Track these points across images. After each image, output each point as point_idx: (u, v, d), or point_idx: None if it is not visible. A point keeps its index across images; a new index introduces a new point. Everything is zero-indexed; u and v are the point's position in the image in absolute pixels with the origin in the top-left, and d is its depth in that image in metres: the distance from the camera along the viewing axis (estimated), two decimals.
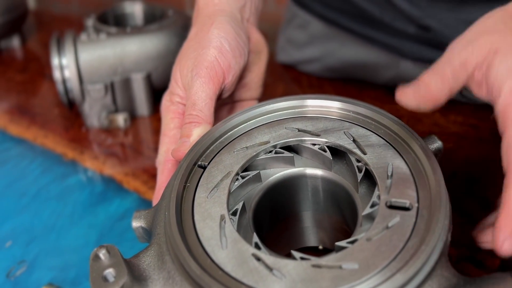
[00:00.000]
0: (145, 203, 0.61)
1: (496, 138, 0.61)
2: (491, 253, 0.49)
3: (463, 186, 0.57)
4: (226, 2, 0.49)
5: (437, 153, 0.41)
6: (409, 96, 0.38)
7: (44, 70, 0.97)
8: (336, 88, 0.82)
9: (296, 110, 0.44)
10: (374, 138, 0.40)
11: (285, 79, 0.89)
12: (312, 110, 0.44)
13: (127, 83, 0.75)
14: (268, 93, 0.58)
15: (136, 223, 0.38)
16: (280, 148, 0.41)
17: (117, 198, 0.63)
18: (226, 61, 0.45)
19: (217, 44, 0.45)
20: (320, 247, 0.48)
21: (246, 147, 0.41)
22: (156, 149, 0.72)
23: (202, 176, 0.38)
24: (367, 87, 0.82)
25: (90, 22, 0.81)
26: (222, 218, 0.35)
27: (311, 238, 0.48)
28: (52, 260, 0.55)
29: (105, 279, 0.30)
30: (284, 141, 0.41)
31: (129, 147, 0.73)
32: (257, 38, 0.54)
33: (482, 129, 0.67)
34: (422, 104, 0.38)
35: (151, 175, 0.66)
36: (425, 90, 0.37)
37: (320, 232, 0.47)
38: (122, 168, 0.68)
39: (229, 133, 0.42)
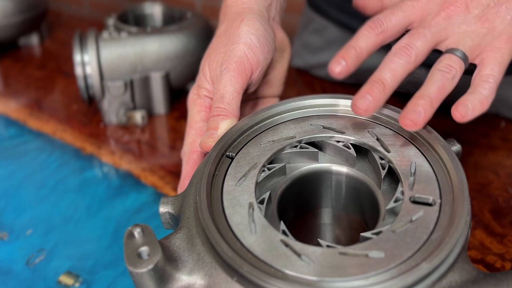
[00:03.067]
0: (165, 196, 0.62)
1: (505, 145, 0.63)
2: (501, 256, 0.50)
3: (473, 191, 0.58)
4: (254, 1, 0.51)
5: (456, 155, 0.42)
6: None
7: (61, 67, 0.99)
8: (349, 93, 0.82)
9: (321, 108, 0.45)
10: (397, 138, 0.42)
11: (299, 83, 0.90)
12: (339, 109, 0.45)
13: (146, 81, 0.76)
14: (281, 97, 0.59)
15: (163, 209, 0.39)
16: (305, 143, 0.42)
17: (133, 192, 0.64)
18: (255, 56, 0.46)
19: (247, 40, 0.46)
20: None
21: (273, 141, 0.42)
22: (172, 147, 0.73)
23: (230, 166, 0.40)
24: None
25: (110, 21, 0.83)
26: (251, 205, 0.36)
27: (327, 236, 0.49)
28: (70, 249, 0.56)
29: (139, 256, 0.31)
30: (309, 136, 0.42)
31: (146, 144, 0.74)
32: (282, 37, 0.56)
33: (491, 136, 0.68)
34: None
35: (168, 171, 0.67)
36: None
37: (336, 230, 0.48)
38: (139, 163, 0.69)
39: (256, 127, 0.43)
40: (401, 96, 0.82)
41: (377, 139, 0.42)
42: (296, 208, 0.45)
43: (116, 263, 0.53)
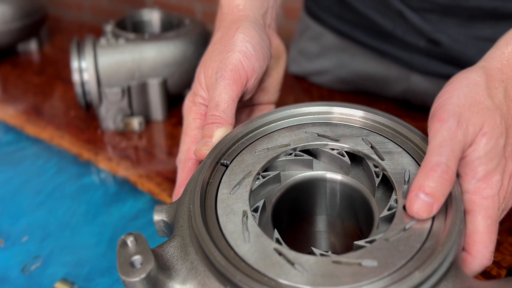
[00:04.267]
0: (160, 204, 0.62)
1: None
2: (497, 263, 0.50)
3: None
4: (250, 8, 0.51)
5: None
6: None
7: (60, 73, 0.99)
8: (346, 100, 0.83)
9: (316, 116, 0.45)
10: (391, 145, 0.42)
11: (296, 90, 0.90)
12: (333, 117, 0.45)
13: (143, 88, 0.77)
14: (279, 104, 0.59)
15: (157, 217, 0.39)
16: (299, 151, 0.43)
17: (130, 198, 0.64)
18: (250, 64, 0.46)
19: (242, 48, 0.46)
20: (330, 252, 0.48)
21: (267, 149, 0.42)
22: (169, 153, 0.74)
23: (225, 174, 0.40)
24: (377, 100, 0.83)
25: (109, 27, 0.83)
26: (244, 213, 0.36)
27: (322, 243, 0.49)
28: (66, 256, 0.56)
29: (132, 265, 0.31)
30: (304, 144, 0.42)
31: (143, 150, 0.74)
32: (277, 44, 0.56)
33: None
34: None
35: (165, 177, 0.67)
36: None
37: (331, 237, 0.48)
38: (136, 170, 0.69)
39: (250, 134, 0.44)
40: (398, 103, 0.82)
41: (371, 147, 0.42)
42: (291, 215, 0.45)
43: (112, 270, 0.53)
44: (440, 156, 0.35)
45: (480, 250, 0.37)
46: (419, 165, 0.40)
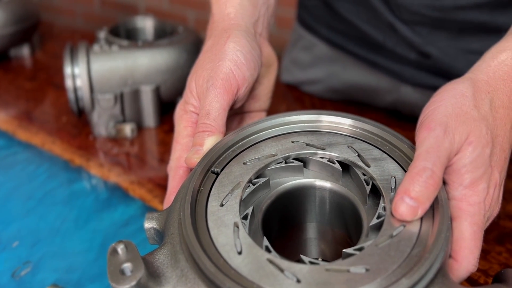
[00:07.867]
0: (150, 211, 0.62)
1: None
2: (485, 272, 0.51)
3: None
4: (241, 17, 0.52)
5: None
6: None
7: (52, 79, 0.99)
8: (338, 109, 0.84)
9: (306, 124, 0.46)
10: (376, 152, 0.42)
11: (288, 98, 0.91)
12: (322, 125, 0.46)
13: (136, 95, 0.77)
14: (271, 112, 0.60)
15: (148, 224, 0.40)
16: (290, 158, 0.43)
17: (121, 205, 0.64)
18: (241, 73, 0.47)
19: (233, 57, 0.47)
20: (320, 259, 0.49)
21: (255, 159, 0.42)
22: (161, 160, 0.74)
23: (214, 186, 0.40)
24: (368, 110, 0.84)
25: (102, 34, 0.84)
26: (236, 225, 0.36)
27: (312, 250, 0.49)
28: (57, 262, 0.56)
29: (122, 272, 0.31)
30: (290, 153, 0.43)
31: (135, 157, 0.74)
32: (268, 52, 0.56)
33: None
34: None
35: (157, 184, 0.67)
36: None
37: (321, 244, 0.49)
38: (127, 176, 0.69)
39: (241, 143, 0.44)
40: (388, 113, 0.83)
41: (358, 155, 0.42)
42: (281, 222, 0.45)
43: (102, 276, 0.53)
44: (426, 161, 0.36)
45: (466, 256, 0.37)
46: (405, 171, 0.40)
